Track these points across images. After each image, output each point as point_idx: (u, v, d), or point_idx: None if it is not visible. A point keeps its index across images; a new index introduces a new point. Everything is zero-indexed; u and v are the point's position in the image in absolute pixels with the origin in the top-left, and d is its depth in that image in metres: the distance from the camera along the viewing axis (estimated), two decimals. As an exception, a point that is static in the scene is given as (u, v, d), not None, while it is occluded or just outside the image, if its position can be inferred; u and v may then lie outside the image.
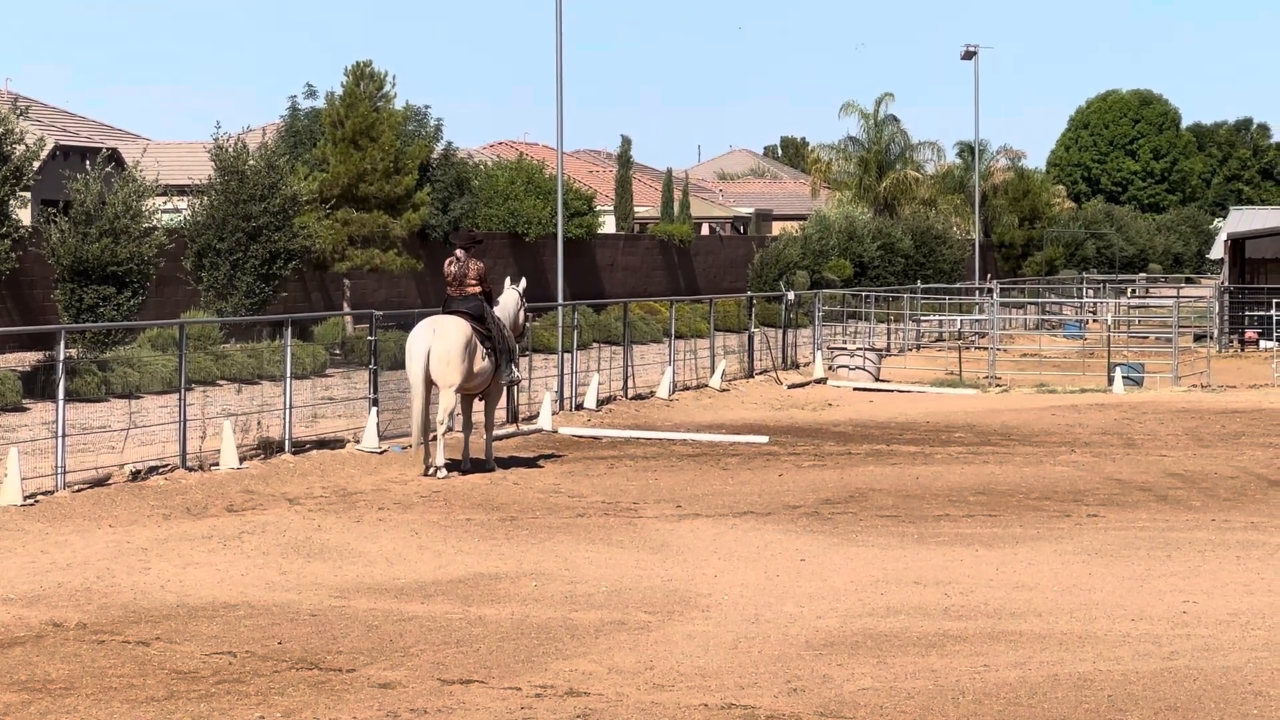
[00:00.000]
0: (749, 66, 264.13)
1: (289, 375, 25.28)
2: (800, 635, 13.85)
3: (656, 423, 30.88)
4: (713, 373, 38.43)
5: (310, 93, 52.13)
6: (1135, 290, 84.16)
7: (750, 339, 42.44)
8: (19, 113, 35.94)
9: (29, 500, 19.80)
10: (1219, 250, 71.94)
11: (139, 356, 34.36)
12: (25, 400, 30.42)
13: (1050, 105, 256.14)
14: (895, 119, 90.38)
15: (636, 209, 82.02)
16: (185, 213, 43.92)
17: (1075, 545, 18.17)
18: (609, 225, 77.45)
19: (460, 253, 24.09)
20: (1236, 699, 11.95)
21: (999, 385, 41.22)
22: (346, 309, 48.26)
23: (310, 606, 14.82)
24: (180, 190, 47.62)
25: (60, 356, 21.67)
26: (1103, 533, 19.04)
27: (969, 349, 50.47)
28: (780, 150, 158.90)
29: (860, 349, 43.27)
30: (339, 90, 48.18)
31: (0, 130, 34.41)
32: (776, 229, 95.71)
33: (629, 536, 18.62)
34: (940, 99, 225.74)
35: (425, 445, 23.31)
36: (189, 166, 54.62)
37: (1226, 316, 58.34)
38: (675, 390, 35.88)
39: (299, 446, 24.73)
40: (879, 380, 41.30)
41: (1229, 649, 13.42)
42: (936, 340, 56.73)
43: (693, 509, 20.58)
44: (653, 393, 35.23)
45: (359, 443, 25.34)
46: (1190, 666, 12.82)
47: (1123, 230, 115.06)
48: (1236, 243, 65.28)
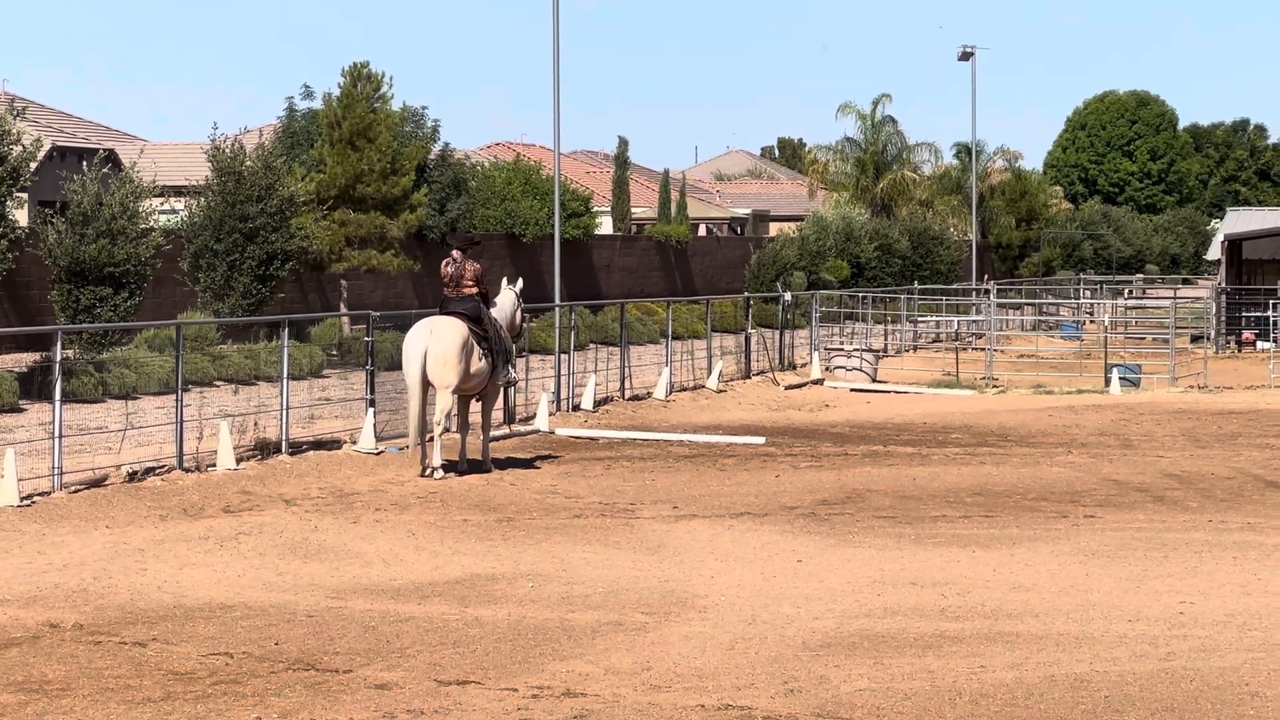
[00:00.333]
0: (746, 67, 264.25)
1: (286, 376, 25.27)
2: (797, 636, 13.85)
3: (653, 424, 30.88)
4: (710, 374, 38.43)
5: (307, 94, 52.17)
6: (1132, 291, 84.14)
7: (747, 340, 42.43)
8: (16, 114, 35.93)
9: (26, 501, 19.80)
10: (1216, 251, 71.98)
11: (136, 357, 34.35)
12: (22, 401, 30.40)
13: (1047, 106, 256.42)
14: (892, 120, 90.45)
15: (633, 210, 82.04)
16: (182, 214, 43.94)
17: (1072, 546, 18.17)
18: (606, 226, 77.47)
19: (457, 254, 24.10)
20: (1233, 700, 11.95)
21: (996, 386, 41.22)
22: (343, 310, 48.26)
23: (307, 607, 14.82)
24: (177, 191, 47.61)
25: (57, 357, 21.66)
26: (1100, 534, 19.04)
27: (966, 350, 50.46)
28: (777, 151, 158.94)
29: (857, 350, 43.27)
30: (336, 91, 48.18)
31: (-3, 131, 34.41)
32: (773, 230, 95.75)
33: (626, 537, 18.62)
34: (937, 100, 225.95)
35: (422, 446, 23.32)
36: (186, 167, 54.58)
37: (1223, 317, 58.37)
38: (672, 391, 35.87)
39: (296, 447, 24.73)
40: (876, 381, 41.30)
41: (1226, 650, 13.42)
42: (933, 341, 56.72)
43: (689, 510, 20.58)
44: (650, 394, 35.23)
45: (356, 444, 25.33)
46: (1187, 667, 12.82)
47: (1120, 231, 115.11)
48: (1233, 244, 65.32)
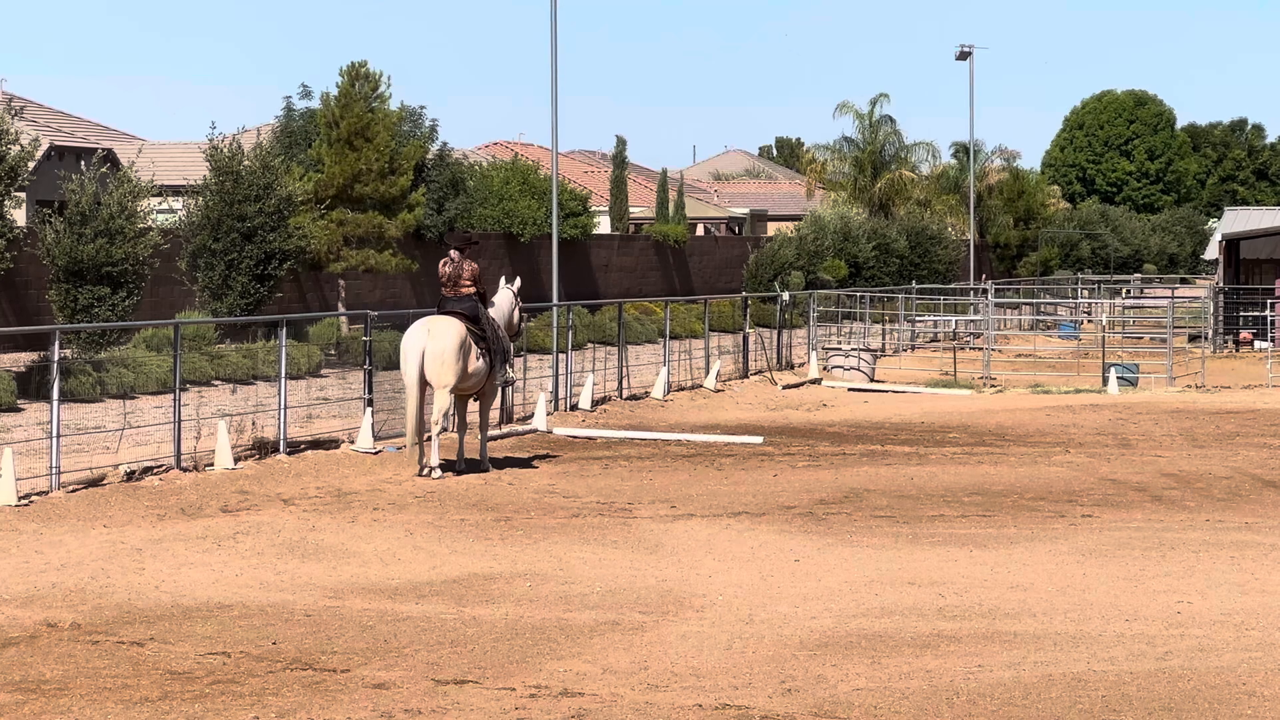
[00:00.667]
0: (744, 67, 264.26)
1: (284, 376, 25.26)
2: (794, 635, 13.85)
3: (651, 423, 30.88)
4: (707, 373, 38.43)
5: (305, 93, 52.17)
6: (1130, 291, 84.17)
7: (745, 339, 42.44)
8: (14, 113, 35.92)
9: (23, 500, 19.80)
10: (1214, 251, 72.02)
11: (134, 357, 34.35)
12: (20, 400, 30.41)
13: (1045, 106, 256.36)
14: (890, 119, 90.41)
15: (631, 209, 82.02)
16: (180, 213, 43.93)
17: (1070, 546, 18.17)
18: (604, 226, 77.45)
19: (455, 253, 24.10)
20: (1230, 699, 11.96)
21: (994, 386, 41.23)
22: (341, 309, 48.26)
23: (305, 607, 14.82)
24: (175, 191, 47.61)
25: (55, 357, 21.66)
26: (1097, 533, 19.04)
27: (964, 349, 50.47)
28: (775, 151, 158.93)
29: (855, 349, 43.27)
30: (334, 91, 48.18)
31: (-5, 131, 34.41)
32: (771, 229, 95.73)
33: (624, 537, 18.62)
34: (935, 100, 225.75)
35: (420, 445, 23.32)
36: (184, 167, 54.60)
37: (1221, 317, 58.37)
38: (670, 391, 35.88)
39: (294, 447, 24.73)
40: (874, 381, 41.30)
41: (1223, 649, 13.43)
42: (931, 341, 56.72)
43: (687, 509, 20.58)
44: (647, 393, 35.24)
45: (354, 443, 25.34)
46: (1184, 667, 12.83)
47: (1118, 231, 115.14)
48: (1231, 243, 65.32)
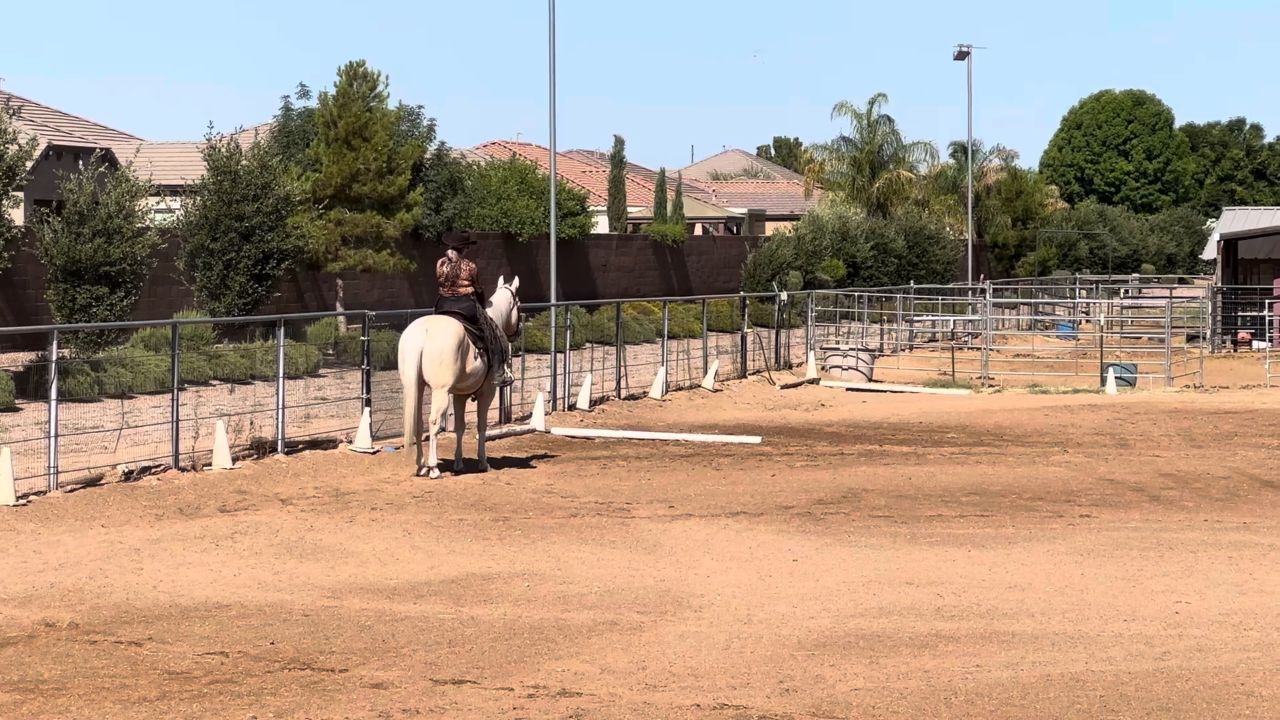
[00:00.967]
0: (742, 67, 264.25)
1: (282, 375, 25.26)
2: (793, 635, 13.85)
3: (649, 423, 30.88)
4: (705, 373, 38.44)
5: (303, 93, 52.13)
6: (1128, 291, 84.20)
7: (743, 339, 42.44)
8: (12, 112, 35.91)
9: (21, 500, 19.80)
10: (1212, 251, 72.02)
11: (132, 356, 34.34)
12: (18, 400, 30.40)
13: (1043, 105, 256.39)
14: (889, 119, 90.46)
15: (630, 209, 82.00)
16: (178, 213, 43.90)
17: (1068, 546, 18.17)
18: (602, 225, 77.43)
19: (452, 253, 24.10)
20: (1228, 699, 11.96)
21: (992, 386, 41.23)
22: (339, 309, 48.27)
23: (303, 607, 14.82)
24: (173, 190, 47.57)
25: (53, 356, 21.65)
26: (1095, 533, 19.05)
27: (962, 349, 50.47)
28: (773, 150, 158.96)
29: (853, 349, 43.28)
30: (332, 90, 48.17)
31: (-7, 130, 34.39)
32: (769, 229, 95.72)
33: (622, 537, 18.62)
34: (933, 99, 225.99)
35: (418, 445, 23.32)
36: (182, 166, 54.58)
37: (1219, 317, 58.38)
38: (668, 391, 35.88)
39: (292, 447, 24.73)
40: (872, 381, 41.31)
41: (1221, 649, 13.43)
42: (929, 341, 56.75)
43: (685, 509, 20.58)
44: (645, 393, 35.24)
45: (352, 443, 25.33)
46: (1182, 667, 12.83)
47: (1116, 231, 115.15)
48: (1229, 243, 65.33)
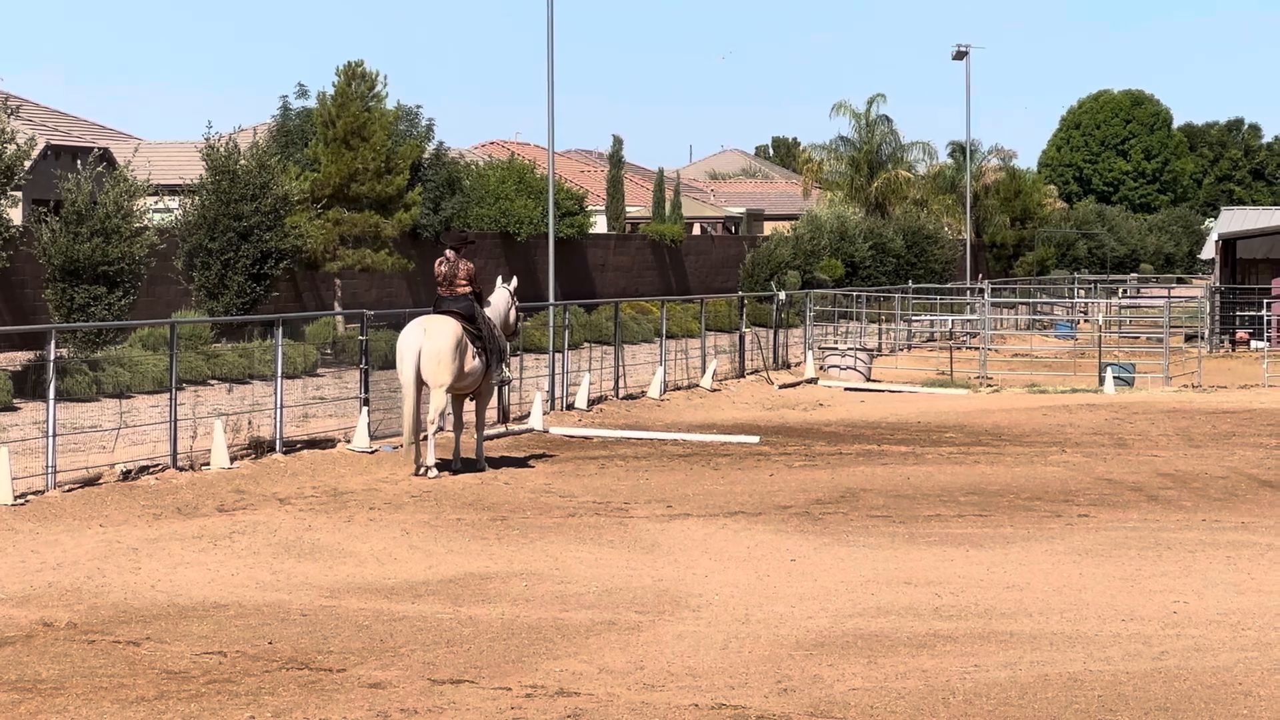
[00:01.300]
0: (741, 66, 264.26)
1: (280, 375, 25.25)
2: (791, 635, 13.85)
3: (647, 423, 30.88)
4: (704, 373, 38.44)
5: (302, 92, 52.13)
6: (1126, 290, 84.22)
7: (741, 339, 42.44)
8: (10, 112, 35.89)
9: (19, 500, 19.79)
10: (1210, 250, 72.02)
11: (130, 356, 34.33)
12: (16, 400, 30.39)
13: (1042, 105, 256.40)
14: (887, 119, 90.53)
15: (628, 209, 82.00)
16: (176, 212, 43.89)
17: (1066, 545, 18.18)
18: (600, 225, 77.43)
19: (450, 253, 24.09)
20: (1226, 699, 11.96)
21: (990, 385, 41.24)
22: (338, 309, 48.26)
23: (301, 606, 14.82)
24: (171, 190, 47.56)
25: (51, 356, 21.64)
26: (1094, 533, 19.05)
27: (960, 349, 50.48)
28: (772, 150, 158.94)
29: (851, 349, 43.29)
30: (330, 90, 48.16)
31: (-9, 130, 34.37)
32: (768, 229, 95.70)
33: (620, 536, 18.62)
34: (932, 99, 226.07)
35: (416, 445, 23.31)
36: (180, 166, 54.56)
37: (1218, 317, 58.39)
38: (666, 390, 35.89)
39: (290, 446, 24.72)
40: (870, 380, 41.32)
41: (1219, 649, 13.43)
42: (928, 340, 56.76)
43: (683, 509, 20.58)
44: (644, 393, 35.24)
45: (350, 442, 25.33)
46: (1180, 667, 12.83)
47: (1114, 230, 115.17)
48: (1228, 243, 65.34)
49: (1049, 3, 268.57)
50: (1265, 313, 56.28)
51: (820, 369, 42.28)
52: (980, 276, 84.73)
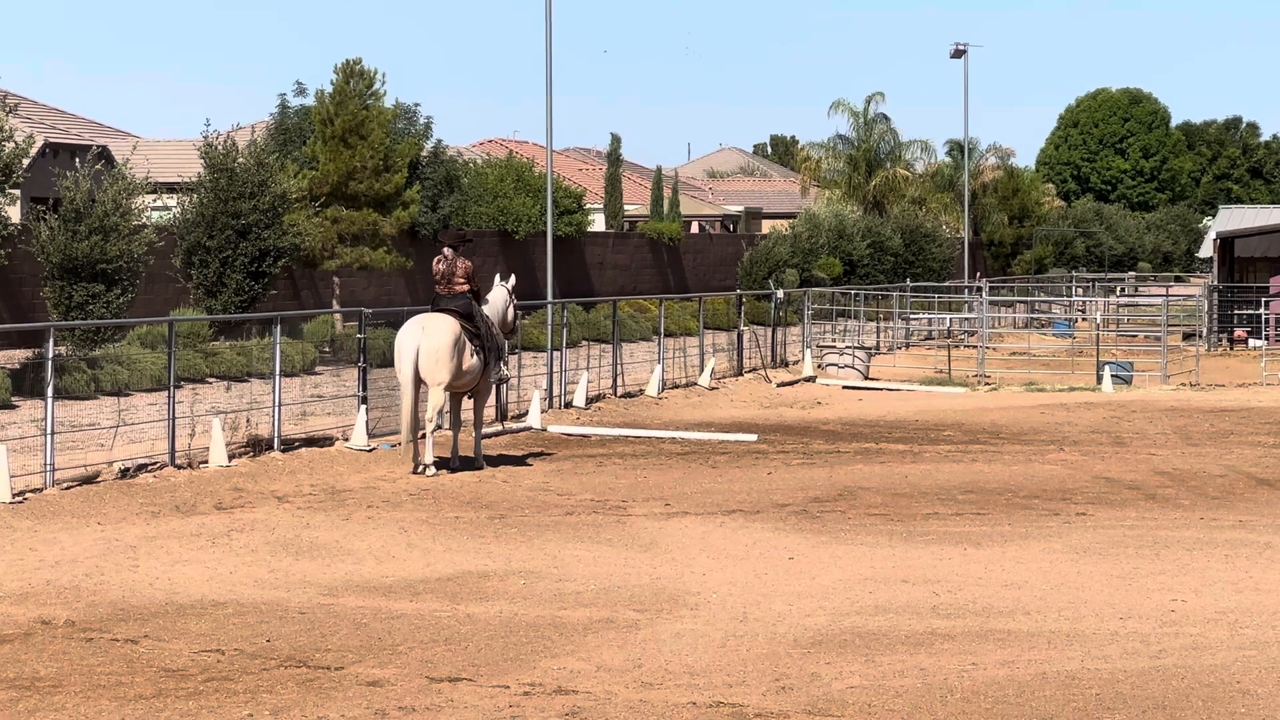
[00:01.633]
0: (739, 65, 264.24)
1: (278, 373, 25.26)
2: (788, 633, 13.86)
3: (645, 421, 30.89)
4: (702, 371, 38.45)
5: (300, 90, 52.07)
6: (1124, 289, 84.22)
7: (739, 337, 42.45)
8: (8, 110, 35.87)
9: (17, 498, 19.79)
10: (1208, 249, 71.97)
11: (128, 354, 34.32)
12: (14, 398, 30.38)
13: (1040, 103, 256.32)
14: (885, 117, 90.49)
15: (626, 207, 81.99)
16: (175, 210, 43.88)
17: (1064, 544, 18.19)
18: (598, 223, 77.42)
19: (448, 251, 24.09)
20: (1224, 697, 11.97)
21: (988, 384, 41.25)
22: (336, 307, 48.24)
23: (299, 604, 14.83)
24: (170, 188, 47.55)
25: (49, 354, 21.64)
26: (1091, 531, 19.06)
27: (958, 347, 50.50)
28: (770, 148, 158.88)
29: (849, 347, 43.31)
30: (329, 88, 48.12)
31: (-11, 127, 34.37)
32: (766, 227, 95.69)
33: (618, 534, 18.63)
34: (930, 97, 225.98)
35: (414, 443, 23.32)
36: (178, 164, 54.54)
37: (1215, 315, 58.39)
38: (664, 388, 35.89)
39: (288, 444, 24.72)
40: (868, 379, 41.33)
41: (1217, 647, 13.44)
42: (926, 339, 56.77)
43: (681, 507, 20.58)
44: (642, 391, 35.25)
45: (348, 440, 25.33)
46: (1178, 665, 12.83)
47: (1112, 229, 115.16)
48: (1226, 241, 65.32)
49: (1047, 1, 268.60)
50: (1263, 311, 56.29)
51: (818, 367, 42.28)
52: (978, 275, 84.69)
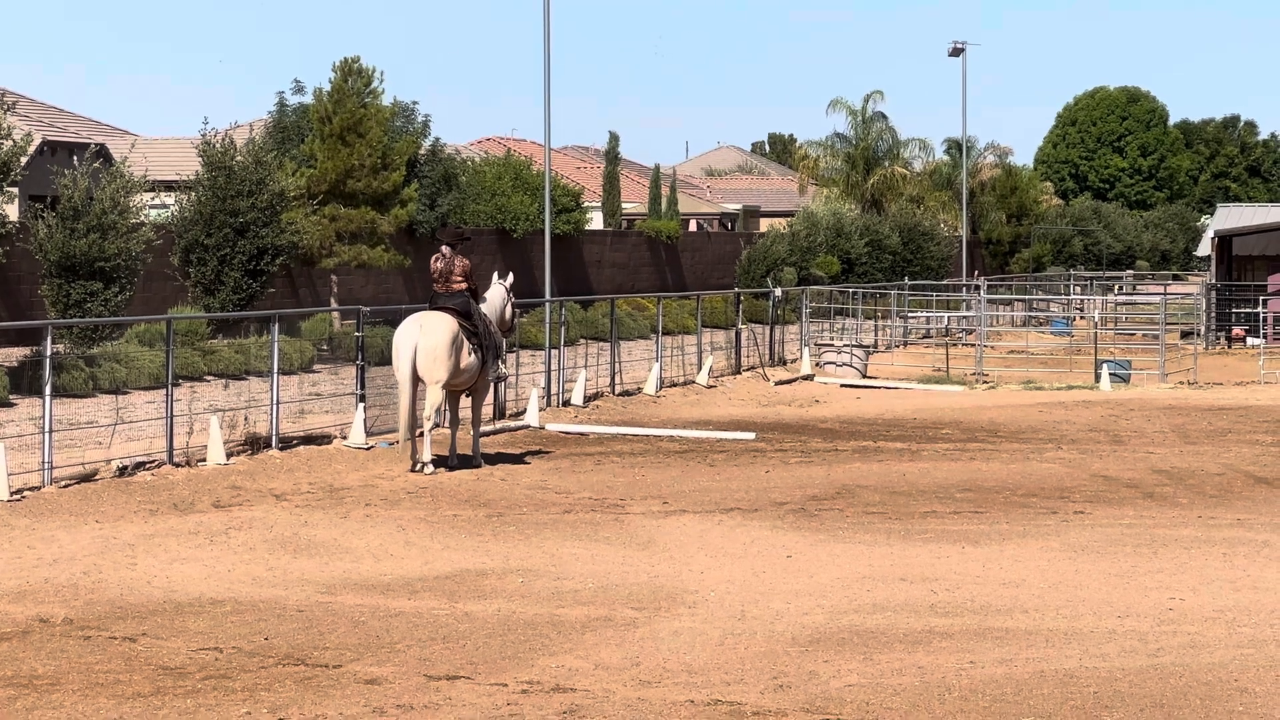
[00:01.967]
0: (737, 63, 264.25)
1: (276, 371, 25.26)
2: (786, 632, 13.86)
3: (643, 419, 30.89)
4: (700, 369, 38.45)
5: (298, 89, 52.06)
6: (1122, 287, 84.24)
7: (737, 335, 42.46)
8: (6, 108, 35.85)
9: (16, 496, 19.79)
10: (1206, 247, 71.98)
11: (126, 352, 34.32)
12: (12, 396, 30.38)
13: (1038, 102, 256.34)
14: (883, 116, 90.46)
15: (624, 205, 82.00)
16: (173, 208, 43.87)
17: (1062, 542, 18.19)
18: (597, 221, 77.42)
19: (446, 249, 24.09)
20: (1222, 696, 11.97)
21: (986, 382, 41.26)
22: (334, 305, 48.23)
23: (297, 602, 14.83)
24: (168, 186, 47.55)
25: (47, 352, 21.64)
26: (1089, 529, 19.06)
27: (956, 346, 50.50)
28: (768, 147, 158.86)
29: (847, 345, 43.32)
30: (327, 86, 48.12)
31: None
32: (764, 225, 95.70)
33: (616, 533, 18.63)
34: (928, 96, 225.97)
35: (412, 441, 23.32)
36: (177, 162, 54.56)
37: (1213, 313, 58.42)
38: (662, 387, 35.89)
39: (286, 442, 24.72)
40: (866, 377, 41.33)
41: (1215, 646, 13.44)
42: (924, 337, 56.78)
43: (679, 505, 20.59)
44: (640, 389, 35.24)
45: (346, 439, 25.32)
46: (1176, 663, 12.84)
47: (1110, 227, 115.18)
48: (1224, 240, 65.34)
49: (1046, 0, 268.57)
50: (1261, 309, 56.31)
51: (816, 365, 42.29)
52: (976, 273, 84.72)
